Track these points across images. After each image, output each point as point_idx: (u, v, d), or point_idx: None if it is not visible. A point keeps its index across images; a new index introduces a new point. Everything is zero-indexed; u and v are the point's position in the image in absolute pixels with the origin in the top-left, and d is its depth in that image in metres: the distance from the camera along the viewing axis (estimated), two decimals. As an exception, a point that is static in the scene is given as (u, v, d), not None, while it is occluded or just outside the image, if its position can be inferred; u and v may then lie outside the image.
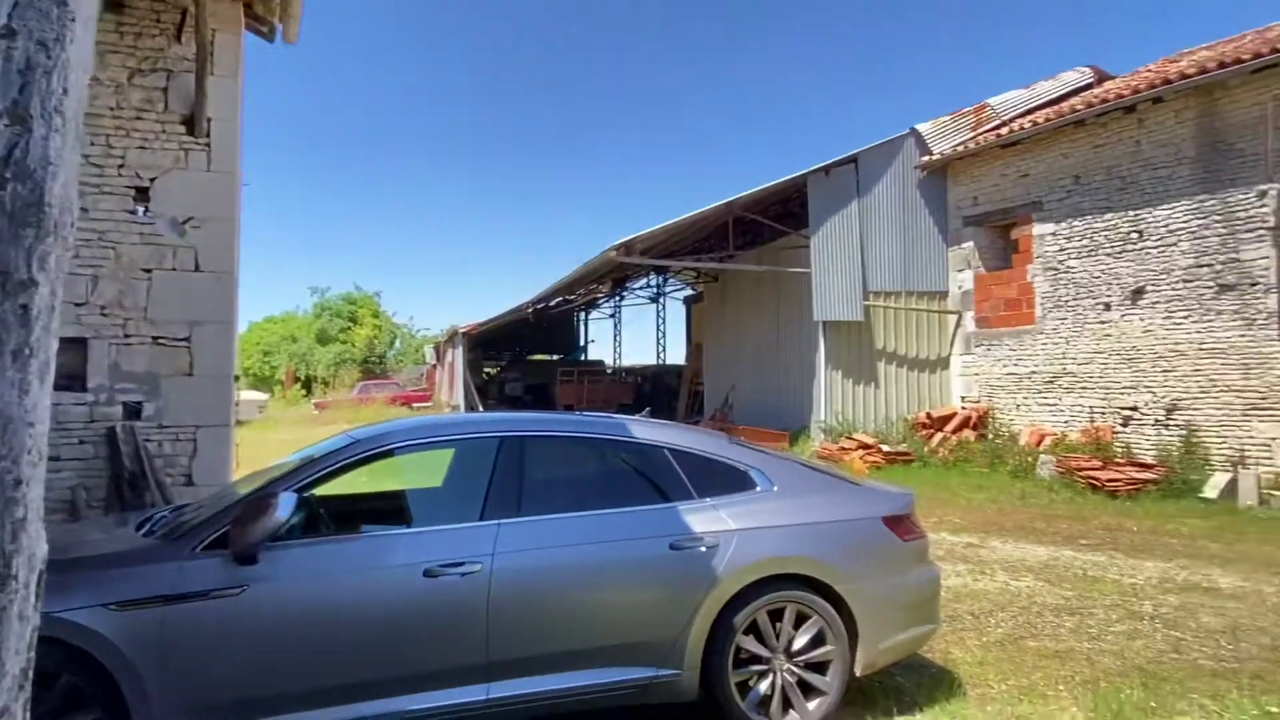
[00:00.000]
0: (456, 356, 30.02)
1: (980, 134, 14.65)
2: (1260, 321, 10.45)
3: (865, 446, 13.50)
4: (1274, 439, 10.27)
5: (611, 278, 23.94)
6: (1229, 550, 7.83)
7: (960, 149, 14.48)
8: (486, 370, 35.42)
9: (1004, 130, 14.02)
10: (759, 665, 3.66)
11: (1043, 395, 13.20)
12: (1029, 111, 14.64)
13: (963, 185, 14.76)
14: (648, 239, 15.90)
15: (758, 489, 3.90)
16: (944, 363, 15.15)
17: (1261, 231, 10.46)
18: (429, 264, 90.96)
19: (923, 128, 15.08)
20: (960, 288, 14.84)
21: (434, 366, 39.97)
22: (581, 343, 36.93)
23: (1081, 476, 11.05)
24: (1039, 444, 12.68)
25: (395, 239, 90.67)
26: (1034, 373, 13.34)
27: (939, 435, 13.97)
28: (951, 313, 15.00)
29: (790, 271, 15.67)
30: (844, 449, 13.68)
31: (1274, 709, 3.72)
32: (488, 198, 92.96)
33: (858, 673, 3.80)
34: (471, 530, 3.50)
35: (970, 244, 14.64)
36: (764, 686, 3.64)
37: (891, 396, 15.13)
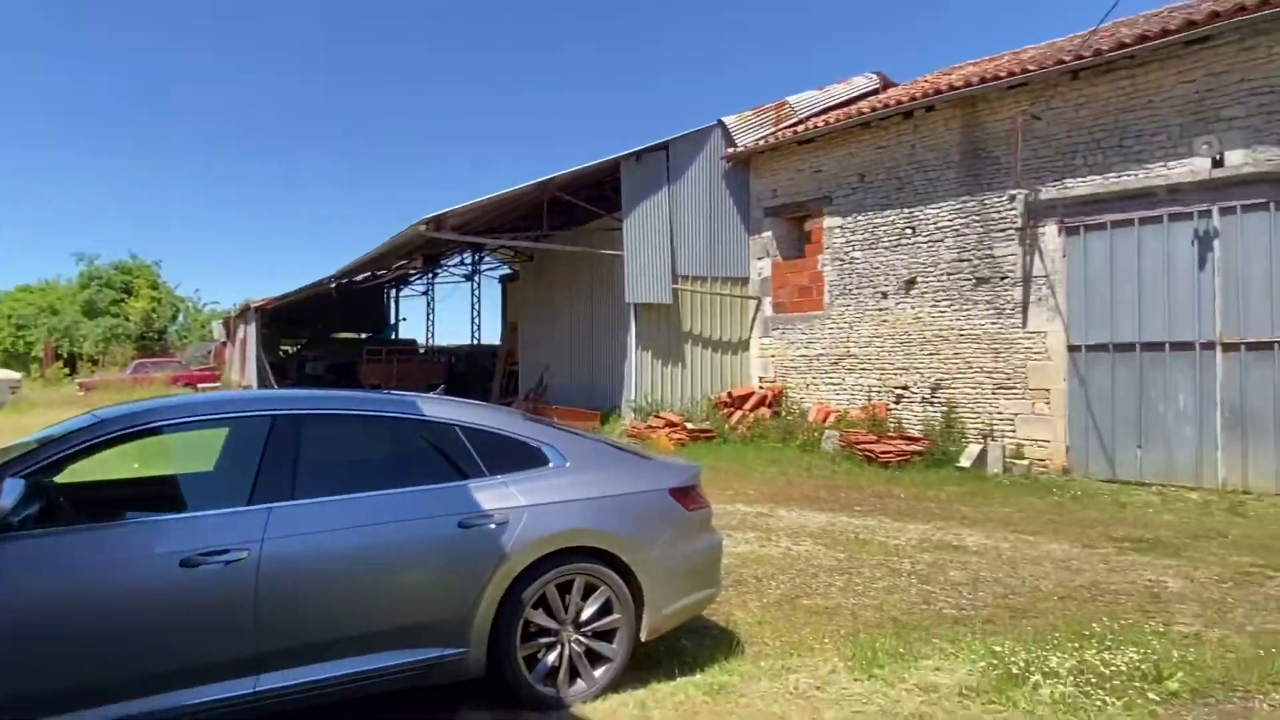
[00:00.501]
0: (249, 333, 27.88)
1: (780, 130, 15.51)
2: (1008, 311, 11.88)
3: (671, 425, 14.00)
4: (1017, 414, 11.74)
5: (423, 254, 23.14)
6: (976, 512, 8.89)
7: (761, 143, 15.27)
8: (285, 348, 33.17)
9: (800, 128, 14.93)
10: (547, 638, 3.71)
11: (829, 376, 14.28)
12: (823, 111, 15.67)
13: (764, 178, 15.58)
14: (461, 214, 15.51)
15: (550, 465, 3.93)
16: (745, 345, 15.99)
17: (1011, 231, 11.87)
18: (219, 234, 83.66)
19: (728, 120, 15.74)
20: (760, 275, 15.70)
21: (224, 344, 36.89)
22: (392, 321, 35.49)
23: (859, 450, 12.09)
24: (825, 420, 13.72)
25: (180, 206, 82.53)
26: (822, 355, 14.40)
27: (738, 413, 14.75)
28: (752, 298, 15.84)
29: (603, 253, 15.89)
30: (651, 427, 14.11)
31: (998, 648, 4.27)
32: (293, 165, 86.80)
33: (643, 638, 3.95)
34: (237, 516, 3.27)
35: (769, 234, 15.50)
36: (552, 658, 3.70)
37: (697, 377, 15.77)
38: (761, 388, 15.43)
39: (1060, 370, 11.29)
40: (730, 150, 15.58)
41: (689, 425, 14.03)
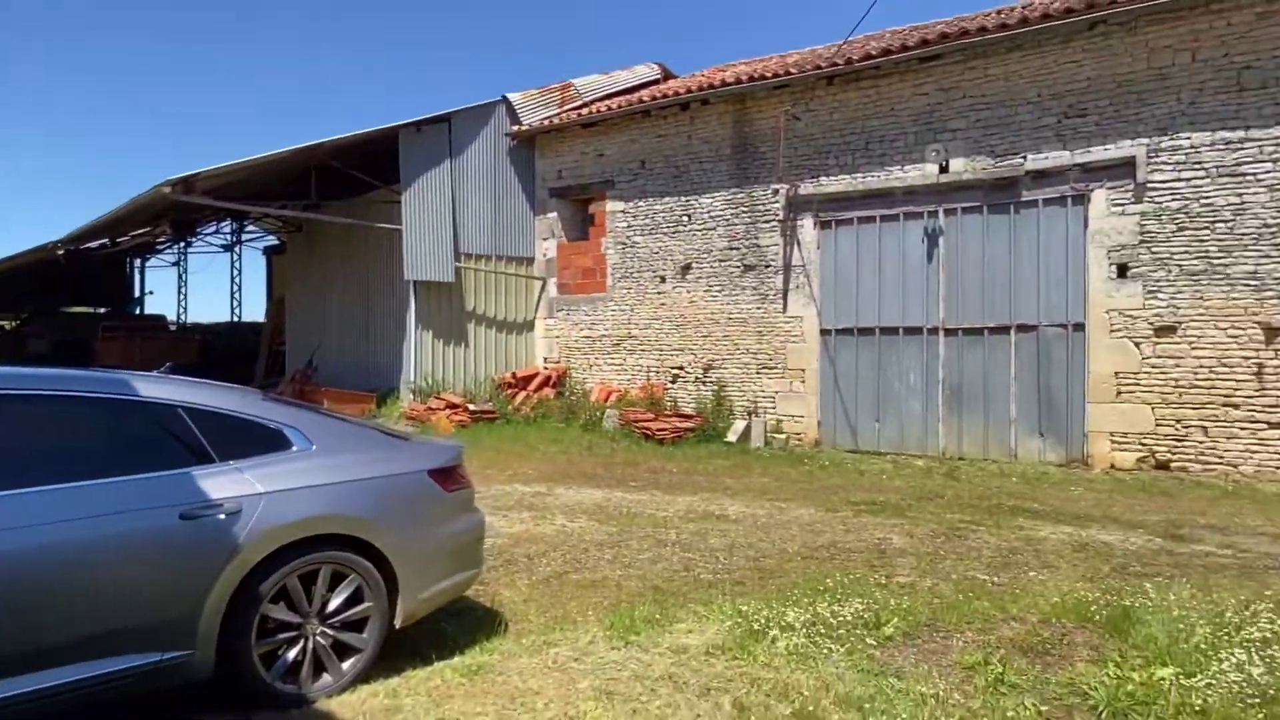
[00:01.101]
0: (-51, 305, 23.65)
1: (565, 111, 15.54)
2: (771, 297, 12.76)
3: (453, 406, 13.67)
4: (778, 392, 12.67)
5: (171, 219, 20.77)
6: (739, 483, 9.50)
7: (547, 123, 15.22)
8: (0, 323, 28.60)
9: (585, 111, 15.05)
10: (289, 632, 3.48)
11: (611, 356, 14.61)
12: (608, 97, 15.90)
13: (549, 158, 15.56)
14: (215, 177, 14.07)
15: (294, 449, 3.67)
16: (530, 325, 15.94)
17: (774, 223, 12.73)
18: (-89, 185, 70.16)
19: (514, 97, 15.53)
20: (545, 255, 15.70)
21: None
22: (136, 294, 31.63)
23: (638, 428, 12.49)
24: (607, 400, 14.04)
25: None
26: (605, 336, 14.70)
27: (523, 394, 14.70)
28: (537, 279, 15.81)
29: (381, 227, 15.12)
30: (432, 409, 13.71)
31: (745, 608, 4.58)
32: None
33: (398, 624, 3.82)
34: None
35: (555, 214, 15.53)
36: (293, 654, 3.47)
37: (481, 357, 15.51)
38: (546, 368, 15.48)
39: (814, 352, 12.32)
40: (515, 128, 15.39)
41: (471, 407, 13.77)
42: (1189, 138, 9.68)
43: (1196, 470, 9.63)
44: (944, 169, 11.26)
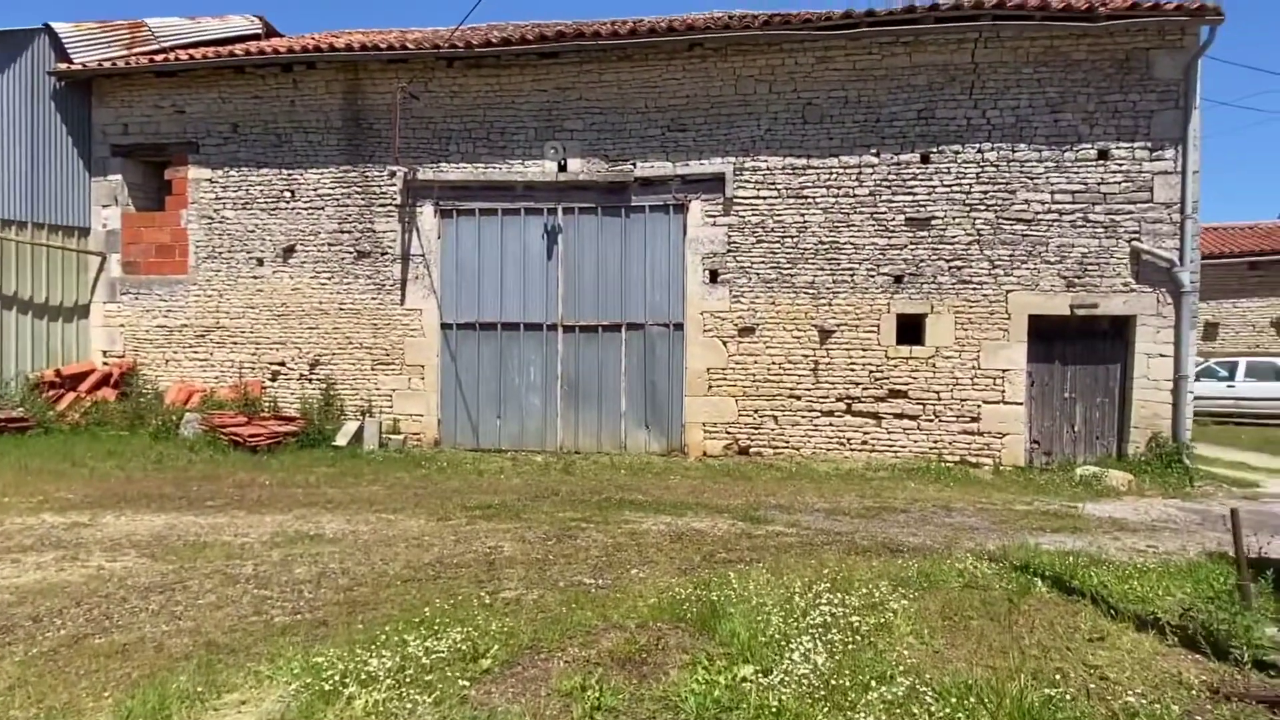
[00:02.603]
0: None
1: (136, 55, 12.91)
2: (388, 287, 11.86)
3: (-40, 414, 10.55)
4: (395, 390, 11.82)
5: None
6: (344, 494, 8.55)
7: (110, 65, 12.49)
8: None
9: (161, 57, 12.62)
10: None
11: (194, 350, 12.48)
12: (193, 45, 13.56)
13: (111, 108, 12.79)
14: None
15: None
16: (84, 311, 12.98)
17: (392, 208, 11.84)
18: None
19: (61, 28, 12.49)
20: (105, 226, 12.89)
21: None
22: None
23: (225, 434, 10.78)
24: (187, 401, 11.95)
25: None
26: (186, 326, 12.50)
27: (71, 396, 11.91)
28: (95, 254, 12.93)
29: None
30: (-74, 418, 10.44)
31: (320, 659, 3.86)
32: None
33: None
34: None
35: (119, 177, 12.82)
36: None
37: (13, 350, 12.24)
38: (106, 363, 12.73)
39: (435, 347, 11.72)
40: (64, 66, 12.38)
41: (-11, 413, 10.76)
42: (767, 161, 10.91)
43: (769, 454, 10.92)
44: (563, 168, 11.38)
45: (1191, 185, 9.95)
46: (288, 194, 12.13)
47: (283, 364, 12.17)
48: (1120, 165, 10.16)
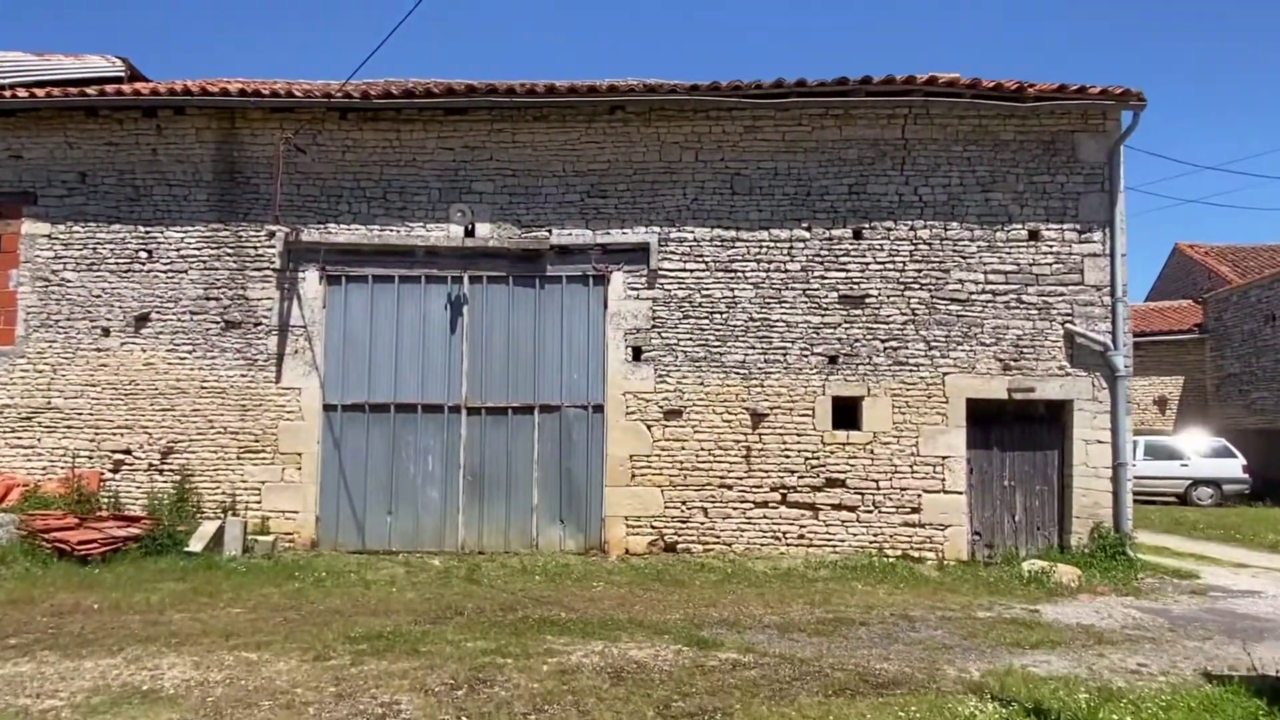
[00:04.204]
0: None
1: (-37, 89, 11.08)
2: (261, 362, 10.29)
3: None
4: (265, 482, 10.15)
5: None
6: (194, 621, 6.90)
7: (-74, 98, 10.62)
8: None
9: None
10: None
11: (18, 435, 10.42)
12: (40, 85, 11.82)
13: (-73, 148, 10.85)
14: None
15: None
16: (-125, 388, 10.71)
17: (269, 272, 10.38)
18: None
19: None
20: (-90, 286, 10.78)
21: None
22: None
23: (50, 540, 8.84)
24: (3, 498, 9.87)
25: None
26: (9, 405, 10.45)
27: None
28: (-106, 319, 10.75)
29: None
30: None
31: None
32: None
33: None
34: None
35: (-68, 229, 10.81)
36: None
37: None
38: (-101, 452, 10.46)
39: (315, 432, 10.17)
40: None
41: None
42: (694, 231, 10.18)
43: (699, 551, 9.87)
44: (470, 232, 10.29)
45: (1121, 268, 9.84)
46: (144, 254, 10.48)
47: (128, 452, 10.28)
48: (1051, 246, 9.97)
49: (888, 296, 9.99)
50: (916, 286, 9.99)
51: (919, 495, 9.82)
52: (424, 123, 10.37)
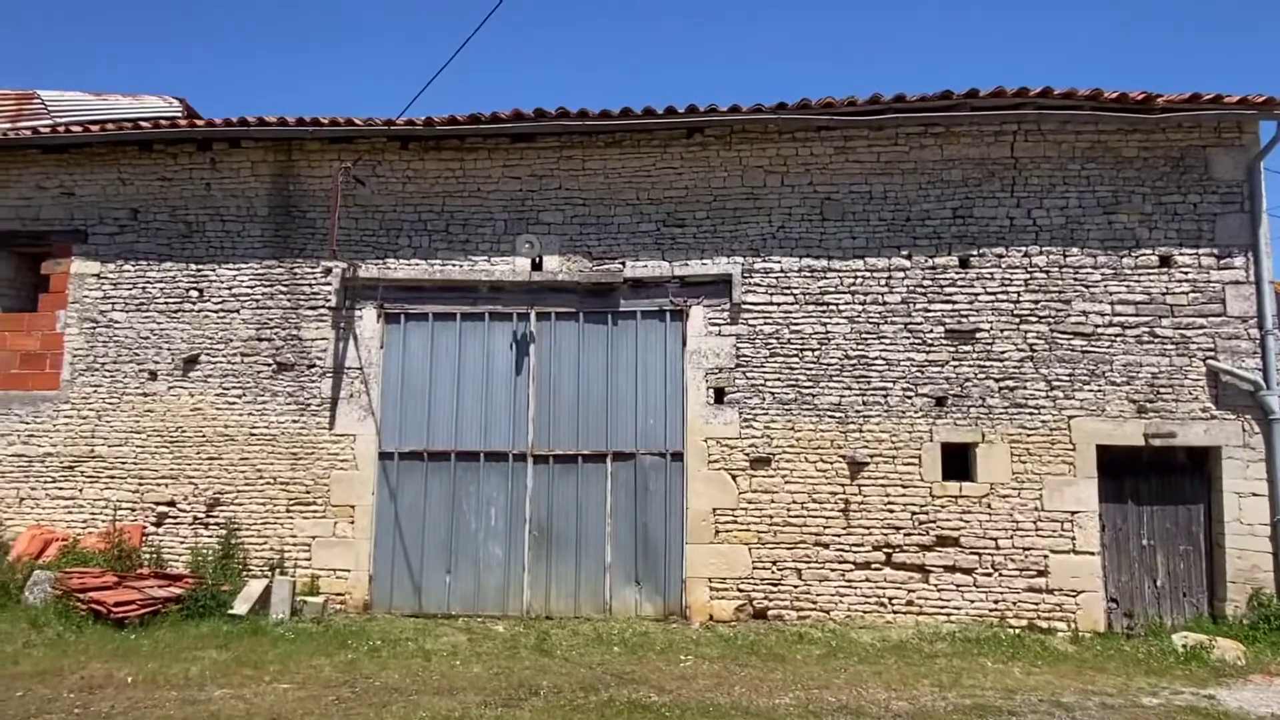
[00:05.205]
0: None
1: (21, 127, 10.82)
2: (314, 407, 9.59)
3: None
4: (315, 537, 9.35)
5: None
6: (236, 699, 6.03)
7: (-18, 136, 10.32)
8: None
9: (50, 129, 10.55)
10: None
11: (59, 485, 9.81)
12: (96, 123, 11.53)
13: (-19, 187, 10.54)
14: None
15: None
16: (-83, 435, 10.23)
17: (324, 310, 9.74)
18: None
19: (-74, 91, 10.38)
20: (-42, 329, 10.37)
21: None
22: None
23: (85, 601, 8.10)
24: (41, 553, 9.22)
25: None
26: (51, 455, 9.87)
27: (-123, 548, 9.05)
28: (-60, 363, 10.32)
29: None
30: None
31: None
32: None
33: None
34: None
35: (-18, 270, 10.43)
36: None
37: None
38: (-62, 503, 9.92)
39: (369, 482, 9.38)
40: (-78, 136, 10.18)
41: None
42: (780, 261, 9.31)
43: (793, 618, 8.77)
44: (537, 265, 9.55)
45: (1269, 297, 8.69)
46: (194, 293, 9.92)
47: (172, 504, 9.59)
48: (1185, 273, 8.87)
49: (1001, 330, 8.95)
50: (1034, 319, 8.93)
51: (1045, 556, 8.63)
52: (489, 151, 9.74)
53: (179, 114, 13.07)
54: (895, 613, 8.69)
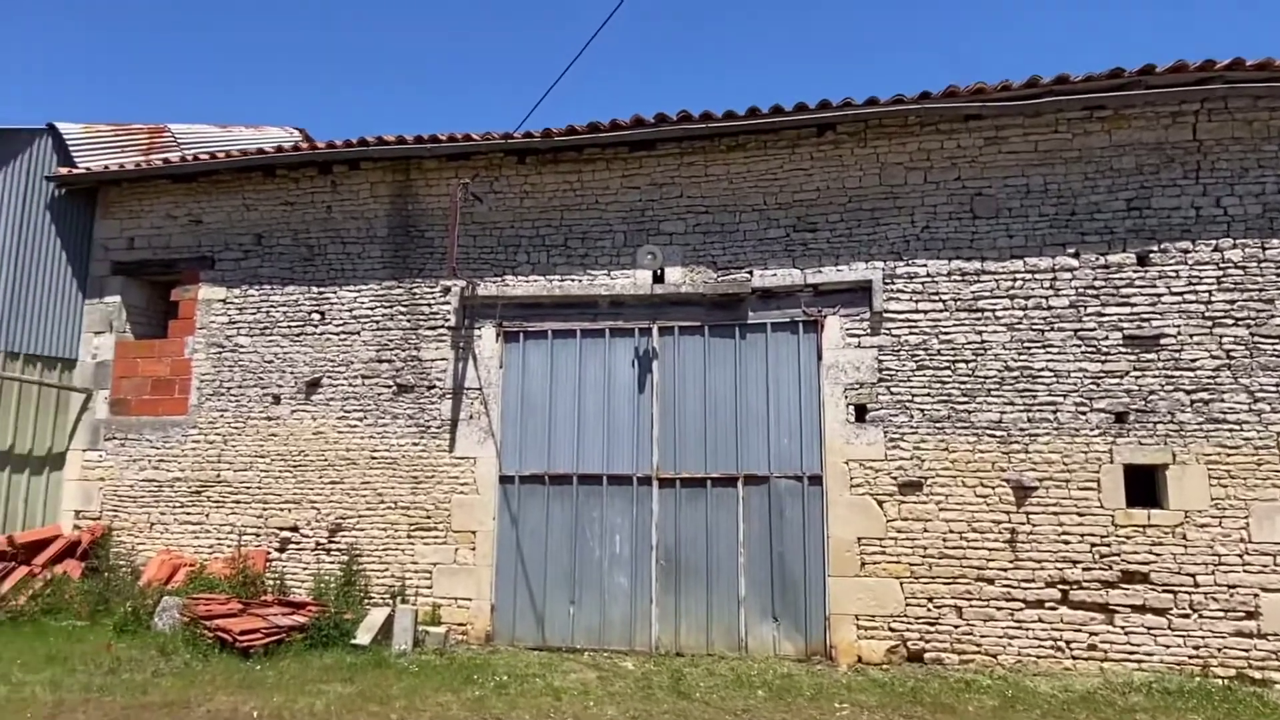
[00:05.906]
0: None
1: (152, 158, 11.12)
2: (434, 429, 9.32)
3: None
4: (437, 564, 9.03)
5: None
6: (365, 743, 5.63)
7: (116, 168, 10.63)
8: None
9: (178, 159, 10.79)
10: None
11: (187, 510, 9.86)
12: (221, 152, 11.79)
13: (116, 219, 10.85)
14: None
15: None
16: (58, 461, 10.51)
17: (443, 330, 9.49)
18: None
19: (67, 129, 10.79)
20: (95, 356, 10.64)
21: None
22: None
23: (211, 629, 7.96)
24: (170, 579, 9.22)
25: None
26: (179, 479, 9.95)
27: (21, 572, 9.24)
28: (79, 390, 10.61)
29: None
30: None
31: None
32: None
33: None
34: None
35: (117, 299, 10.70)
36: None
37: (-36, 509, 9.74)
38: (77, 527, 10.13)
39: (490, 506, 9.01)
40: (65, 171, 10.56)
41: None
42: (926, 265, 8.49)
43: (953, 661, 7.84)
44: (659, 278, 9.04)
45: None
46: (316, 316, 9.86)
47: (295, 529, 9.47)
48: None
49: (1190, 335, 7.86)
50: (1230, 322, 7.80)
51: (1255, 595, 7.43)
52: (607, 161, 9.34)
53: (299, 142, 13.31)
54: (1074, 658, 7.65)
